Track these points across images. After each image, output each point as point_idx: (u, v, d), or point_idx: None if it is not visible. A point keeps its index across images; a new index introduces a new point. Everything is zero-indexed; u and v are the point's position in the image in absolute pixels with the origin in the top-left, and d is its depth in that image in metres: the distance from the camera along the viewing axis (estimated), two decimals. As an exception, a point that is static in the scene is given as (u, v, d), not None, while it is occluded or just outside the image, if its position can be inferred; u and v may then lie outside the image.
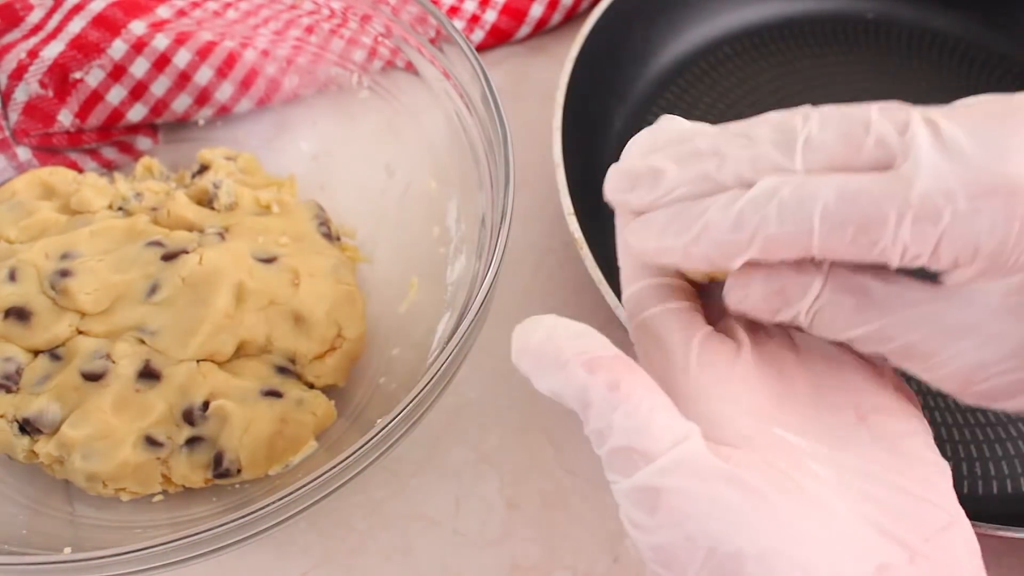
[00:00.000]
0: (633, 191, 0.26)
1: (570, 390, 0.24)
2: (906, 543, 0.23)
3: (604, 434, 0.24)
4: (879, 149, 0.24)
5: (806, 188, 0.24)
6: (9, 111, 0.47)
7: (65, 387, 0.38)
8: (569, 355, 0.24)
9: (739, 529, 0.22)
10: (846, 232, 0.23)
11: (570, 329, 0.25)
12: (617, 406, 0.24)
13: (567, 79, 0.47)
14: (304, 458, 0.39)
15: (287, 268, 0.42)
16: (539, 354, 0.25)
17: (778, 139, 0.24)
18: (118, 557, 0.31)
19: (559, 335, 0.25)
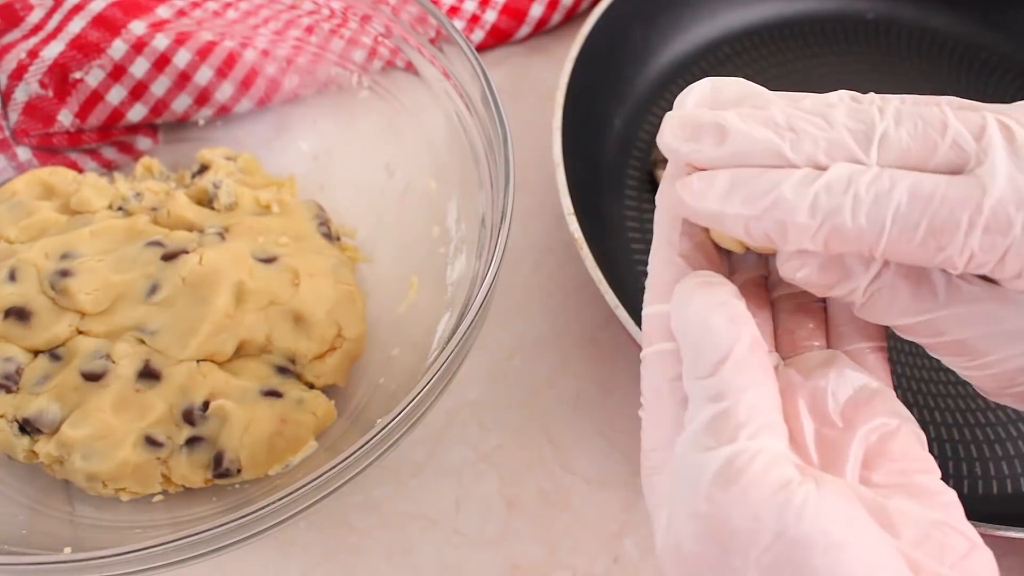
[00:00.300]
0: (696, 142, 0.25)
1: (728, 339, 0.24)
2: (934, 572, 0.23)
3: (723, 395, 0.23)
4: (953, 151, 0.24)
5: (881, 184, 0.23)
6: (9, 111, 0.47)
7: (65, 387, 0.38)
8: (744, 320, 0.24)
9: (812, 518, 0.22)
10: (916, 235, 0.23)
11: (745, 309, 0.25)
12: (757, 383, 0.23)
13: (567, 79, 0.47)
14: (304, 458, 0.39)
15: (287, 268, 0.42)
16: (719, 296, 0.24)
17: (855, 128, 0.24)
18: (118, 557, 0.31)
19: (742, 304, 0.24)
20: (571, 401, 0.44)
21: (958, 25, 0.57)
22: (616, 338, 0.46)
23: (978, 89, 0.54)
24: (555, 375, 0.45)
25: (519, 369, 0.45)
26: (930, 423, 0.43)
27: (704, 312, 0.24)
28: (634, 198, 0.50)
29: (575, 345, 0.46)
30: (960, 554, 0.23)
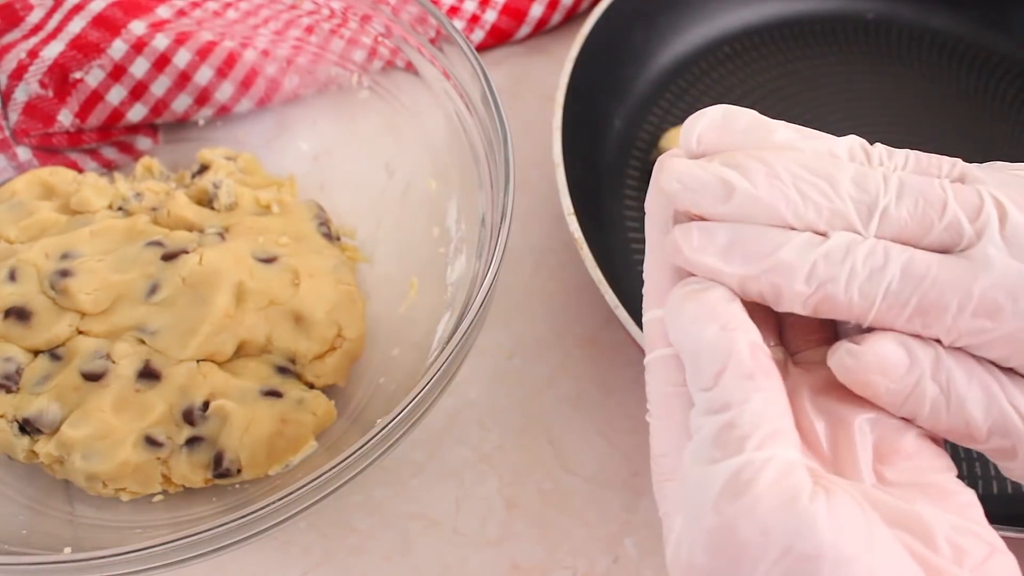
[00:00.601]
0: (698, 195, 0.25)
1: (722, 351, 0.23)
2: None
3: (727, 405, 0.23)
4: (948, 233, 0.24)
5: (876, 258, 0.24)
6: (9, 111, 0.47)
7: (65, 387, 0.38)
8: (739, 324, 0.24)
9: (822, 533, 0.21)
10: (904, 311, 0.24)
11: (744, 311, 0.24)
12: (761, 389, 0.23)
13: (567, 79, 0.47)
14: (304, 458, 0.39)
15: (287, 268, 0.42)
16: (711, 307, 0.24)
17: (859, 199, 0.25)
18: (118, 557, 0.31)
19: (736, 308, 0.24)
20: (571, 401, 0.44)
21: (958, 25, 0.57)
22: (616, 338, 0.46)
23: (978, 89, 0.54)
24: (555, 375, 0.45)
25: (519, 369, 0.45)
26: (930, 423, 0.43)
27: (696, 324, 0.24)
28: (634, 198, 0.50)
29: (575, 345, 0.46)
30: (980, 558, 0.23)
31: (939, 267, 0.24)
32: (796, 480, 0.22)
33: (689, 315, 0.24)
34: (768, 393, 0.23)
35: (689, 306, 0.24)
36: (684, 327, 0.24)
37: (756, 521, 0.22)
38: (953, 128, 0.53)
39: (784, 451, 0.23)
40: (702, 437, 0.23)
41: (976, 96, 0.54)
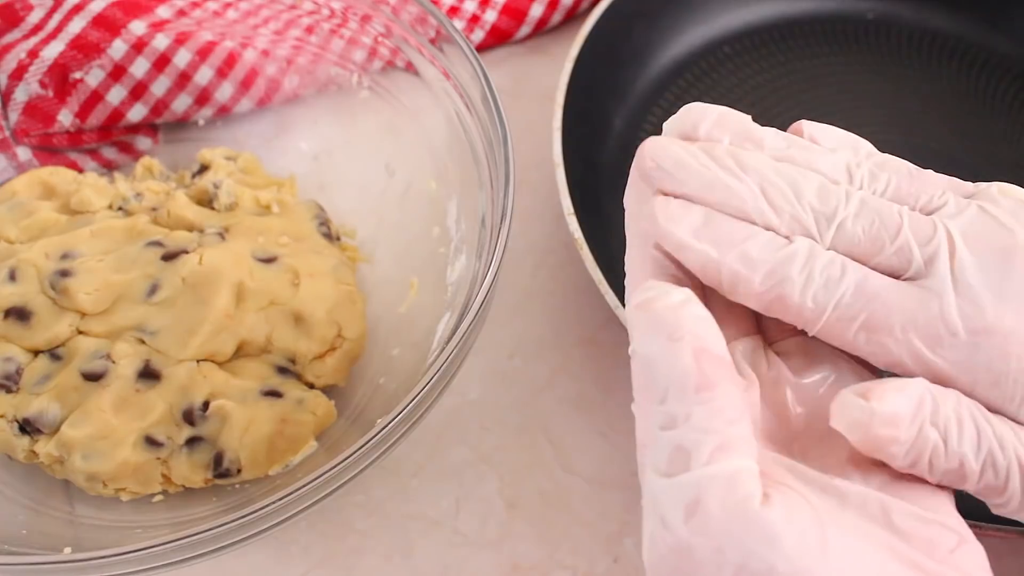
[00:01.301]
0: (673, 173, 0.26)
1: (667, 365, 0.23)
2: (922, 567, 0.23)
3: (675, 421, 0.23)
4: (898, 256, 0.25)
5: (833, 269, 0.25)
6: (9, 111, 0.47)
7: (65, 387, 0.38)
8: (685, 332, 0.23)
9: (775, 547, 0.22)
10: (851, 326, 0.25)
11: (697, 311, 0.24)
12: (706, 401, 0.23)
13: (567, 79, 0.47)
14: (304, 458, 0.39)
15: (287, 268, 0.42)
16: (657, 317, 0.24)
17: (819, 209, 0.26)
18: (118, 557, 0.31)
19: (685, 311, 0.24)
20: (571, 401, 0.44)
21: (958, 25, 0.57)
22: (616, 338, 0.46)
23: (978, 89, 0.54)
24: (555, 375, 0.45)
25: (519, 369, 0.45)
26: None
27: (644, 335, 0.24)
28: (634, 198, 0.50)
29: (575, 345, 0.46)
30: (948, 548, 0.23)
31: (890, 290, 0.25)
32: (745, 492, 0.22)
33: (638, 326, 0.24)
34: (713, 404, 0.23)
35: (639, 317, 0.24)
36: (635, 339, 0.24)
37: (709, 540, 0.22)
38: (953, 128, 0.53)
39: (732, 462, 0.22)
40: (655, 452, 0.23)
41: (976, 96, 0.54)
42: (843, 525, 0.23)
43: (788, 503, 0.22)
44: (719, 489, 0.22)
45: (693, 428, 0.23)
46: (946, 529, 0.24)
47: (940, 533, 0.24)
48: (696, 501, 0.22)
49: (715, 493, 0.22)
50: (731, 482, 0.22)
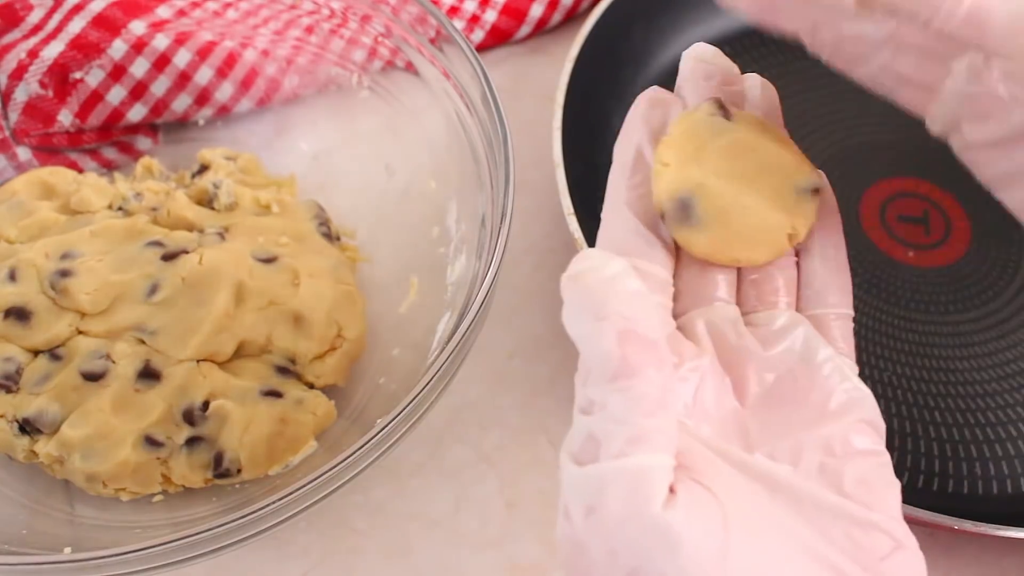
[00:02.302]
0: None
1: (591, 346, 0.22)
2: (844, 573, 0.22)
3: (592, 407, 0.22)
4: None
5: None
6: (9, 111, 0.47)
7: (65, 387, 0.38)
8: (610, 312, 0.22)
9: (670, 554, 0.20)
10: None
11: (629, 286, 0.22)
12: (624, 390, 0.21)
13: (567, 79, 0.47)
14: (304, 458, 0.39)
15: (287, 268, 0.42)
16: (585, 292, 0.22)
17: None
18: (118, 557, 0.31)
19: (615, 287, 0.22)
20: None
21: (958, 25, 0.57)
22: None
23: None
24: (555, 375, 0.45)
25: (519, 369, 0.45)
26: (930, 423, 0.43)
27: (573, 315, 0.23)
28: (634, 198, 0.50)
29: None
30: (880, 555, 0.22)
31: None
32: (648, 492, 0.21)
33: (567, 300, 0.23)
34: (631, 393, 0.21)
35: (568, 290, 0.23)
36: (566, 315, 0.23)
37: (604, 540, 0.21)
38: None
39: (641, 457, 0.21)
40: (571, 436, 0.22)
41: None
42: (761, 524, 0.22)
43: (694, 503, 0.21)
44: (621, 487, 0.21)
45: (607, 417, 0.21)
46: (881, 532, 0.23)
47: (874, 536, 0.23)
48: (598, 496, 0.21)
49: (617, 491, 0.21)
50: (635, 480, 0.21)
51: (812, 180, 0.28)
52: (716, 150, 0.27)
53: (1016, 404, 0.44)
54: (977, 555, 0.41)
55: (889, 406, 0.44)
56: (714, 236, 0.27)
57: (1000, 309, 0.47)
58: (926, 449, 0.43)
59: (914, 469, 0.42)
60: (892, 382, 0.44)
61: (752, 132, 0.28)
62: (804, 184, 0.28)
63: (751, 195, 0.27)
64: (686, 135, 0.28)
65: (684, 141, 0.27)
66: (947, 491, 0.42)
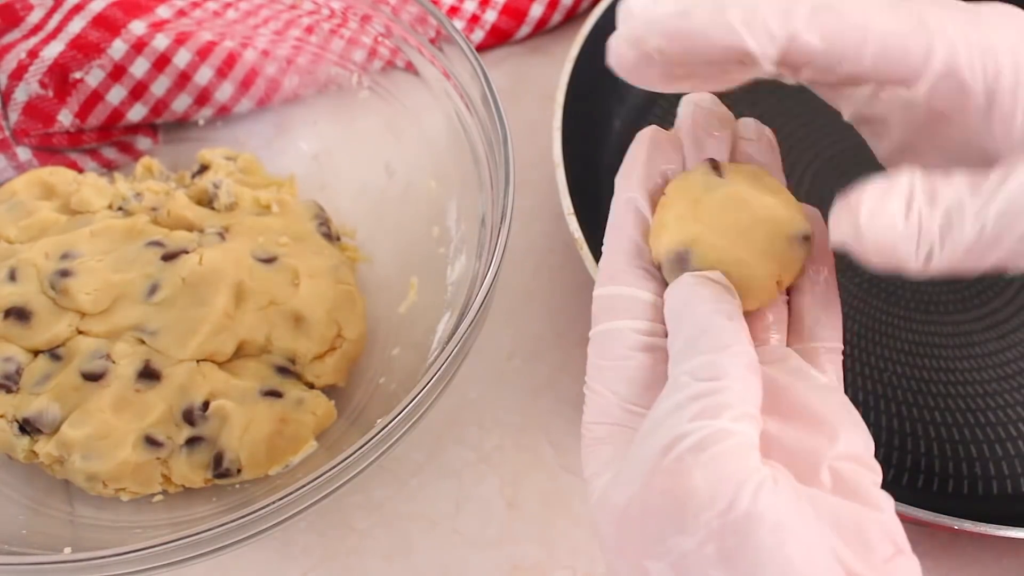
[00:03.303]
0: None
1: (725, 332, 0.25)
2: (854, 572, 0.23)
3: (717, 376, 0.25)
4: None
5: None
6: (9, 111, 0.47)
7: (65, 387, 0.38)
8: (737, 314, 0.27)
9: (766, 500, 0.23)
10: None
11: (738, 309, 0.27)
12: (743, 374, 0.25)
13: (567, 79, 0.47)
14: (304, 458, 0.39)
15: (287, 268, 0.42)
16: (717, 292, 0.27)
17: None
18: (118, 557, 0.31)
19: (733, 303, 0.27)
20: (571, 401, 0.44)
21: (958, 25, 0.57)
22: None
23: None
24: (555, 375, 0.45)
25: (519, 369, 0.45)
26: (930, 423, 0.43)
27: (706, 307, 0.26)
28: (634, 198, 0.50)
29: (575, 345, 0.46)
30: (884, 558, 0.24)
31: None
32: (756, 457, 0.24)
33: (702, 297, 0.26)
34: (753, 382, 0.25)
35: (704, 291, 0.27)
36: (694, 309, 0.26)
37: (713, 473, 0.23)
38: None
39: (752, 432, 0.24)
40: (682, 397, 0.24)
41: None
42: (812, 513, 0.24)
43: (781, 478, 0.24)
44: (738, 442, 0.23)
45: (736, 390, 0.24)
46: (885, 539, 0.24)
47: (879, 542, 0.24)
48: (716, 441, 0.23)
49: (734, 443, 0.23)
50: (750, 443, 0.24)
51: (802, 229, 0.29)
52: (710, 205, 0.29)
53: (1016, 404, 0.44)
54: (977, 555, 0.41)
55: (889, 406, 0.44)
56: None
57: (1000, 309, 0.47)
58: (926, 449, 0.43)
59: (914, 469, 0.42)
60: (892, 382, 0.44)
61: (745, 185, 0.29)
62: (794, 233, 0.28)
63: (743, 247, 0.28)
64: (682, 193, 0.29)
65: (680, 198, 0.29)
66: (947, 491, 0.42)
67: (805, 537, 0.23)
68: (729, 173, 0.29)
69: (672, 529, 0.23)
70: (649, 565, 0.24)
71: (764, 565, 0.22)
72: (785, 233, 0.28)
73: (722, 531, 0.23)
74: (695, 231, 0.28)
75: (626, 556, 0.25)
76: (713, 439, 0.23)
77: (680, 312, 0.27)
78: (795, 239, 0.28)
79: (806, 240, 0.29)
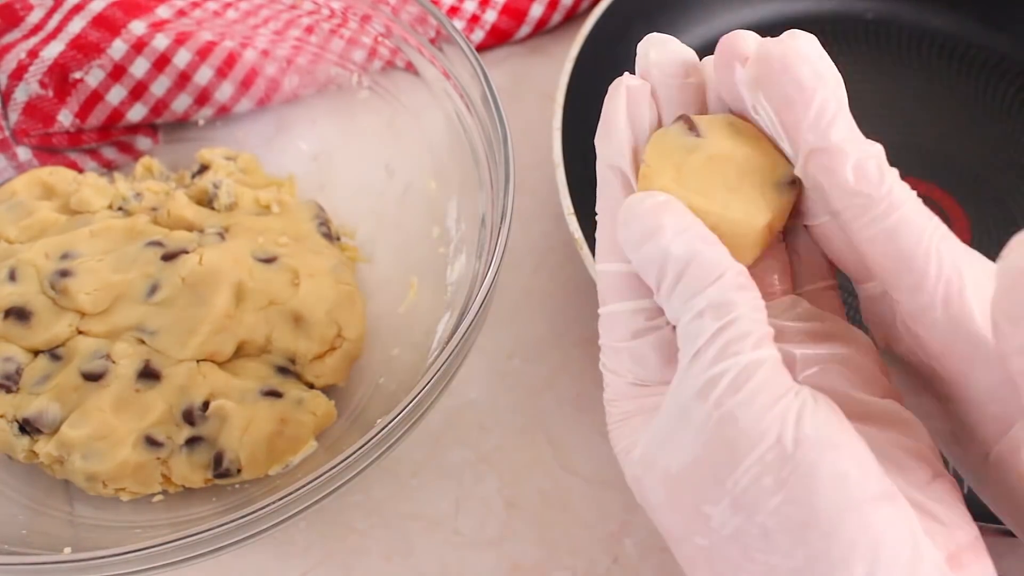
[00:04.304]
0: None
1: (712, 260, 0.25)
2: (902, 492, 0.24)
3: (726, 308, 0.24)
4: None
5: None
6: (9, 111, 0.47)
7: (65, 387, 0.38)
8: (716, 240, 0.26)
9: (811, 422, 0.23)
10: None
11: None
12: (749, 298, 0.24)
13: (567, 79, 0.47)
14: (304, 458, 0.39)
15: (287, 268, 0.42)
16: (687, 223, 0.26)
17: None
18: (118, 557, 0.31)
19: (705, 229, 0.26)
20: (571, 401, 0.44)
21: (958, 25, 0.57)
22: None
23: (978, 89, 0.54)
24: (555, 375, 0.45)
25: (519, 369, 0.45)
26: (930, 423, 0.43)
27: (682, 236, 0.25)
28: (634, 198, 0.50)
29: (575, 345, 0.46)
30: (925, 480, 0.25)
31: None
32: (787, 378, 0.24)
33: (674, 226, 0.25)
34: (758, 301, 0.25)
35: (669, 219, 0.25)
36: (671, 236, 0.25)
37: (755, 410, 0.23)
38: (952, 128, 0.53)
39: (775, 353, 0.24)
40: (705, 340, 0.24)
41: (976, 96, 0.54)
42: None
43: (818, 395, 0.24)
44: (768, 370, 0.24)
45: (747, 316, 0.24)
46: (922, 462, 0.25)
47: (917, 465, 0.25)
48: (748, 377, 0.24)
49: (764, 373, 0.24)
50: (777, 366, 0.24)
51: (786, 174, 0.28)
52: (694, 169, 0.28)
53: (1016, 404, 0.44)
54: (977, 555, 0.41)
55: (889, 406, 0.44)
56: None
57: (1000, 309, 0.47)
58: (926, 449, 0.43)
59: (914, 469, 0.42)
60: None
61: (724, 140, 0.28)
62: (781, 179, 0.28)
63: (734, 206, 0.28)
64: (663, 159, 0.28)
65: (662, 165, 0.28)
66: (947, 491, 0.42)
67: (853, 450, 0.23)
68: (705, 128, 0.28)
69: (727, 471, 0.24)
70: (708, 510, 0.24)
71: (821, 484, 0.23)
72: (771, 181, 0.28)
73: (776, 463, 0.23)
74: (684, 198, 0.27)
75: (681, 509, 0.25)
76: (745, 375, 0.24)
77: (652, 256, 0.26)
78: (782, 184, 0.28)
79: (793, 185, 0.28)
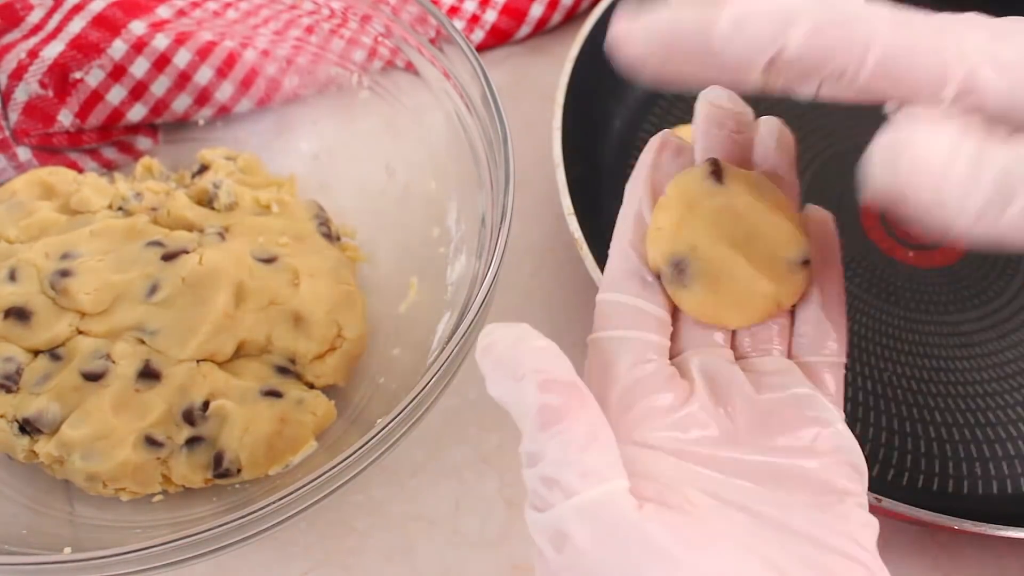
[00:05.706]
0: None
1: (518, 405, 0.24)
2: None
3: (535, 458, 0.23)
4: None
5: None
6: (9, 111, 0.47)
7: (65, 387, 0.38)
8: (526, 370, 0.24)
9: (648, 549, 0.22)
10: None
11: (536, 344, 0.24)
12: (555, 435, 0.23)
13: (567, 79, 0.47)
14: (304, 458, 0.39)
15: (287, 268, 0.42)
16: (499, 360, 0.24)
17: None
18: (118, 557, 0.31)
19: (524, 347, 0.24)
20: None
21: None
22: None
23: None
24: (555, 375, 0.45)
25: (519, 369, 0.45)
26: (930, 423, 0.43)
27: (494, 380, 0.24)
28: (634, 198, 0.50)
29: (575, 345, 0.45)
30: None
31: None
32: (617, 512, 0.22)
33: (485, 371, 0.24)
34: (566, 434, 0.23)
35: (484, 362, 0.25)
36: (490, 385, 0.24)
37: (583, 569, 0.22)
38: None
39: (594, 490, 0.23)
40: (529, 491, 0.24)
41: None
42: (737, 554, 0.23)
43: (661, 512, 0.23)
44: (584, 521, 0.22)
45: (551, 463, 0.23)
46: (852, 561, 0.24)
47: (848, 568, 0.23)
48: (564, 535, 0.22)
49: (580, 526, 0.22)
50: (597, 511, 0.22)
51: (802, 252, 0.28)
52: (707, 213, 0.28)
53: (1016, 404, 0.44)
54: (977, 555, 0.41)
55: (889, 406, 0.44)
56: (703, 300, 0.28)
57: (1000, 309, 0.47)
58: (926, 449, 0.43)
59: (914, 469, 0.42)
60: (892, 382, 0.44)
61: (745, 196, 0.28)
62: (793, 256, 0.28)
63: (739, 262, 0.28)
64: (680, 196, 0.28)
65: (678, 202, 0.28)
66: (947, 491, 0.42)
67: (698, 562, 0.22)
68: (730, 178, 0.28)
69: None
70: None
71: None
72: (782, 256, 0.28)
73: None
74: (692, 238, 0.27)
75: None
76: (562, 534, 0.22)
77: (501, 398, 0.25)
78: (793, 263, 0.28)
79: (806, 265, 0.28)
